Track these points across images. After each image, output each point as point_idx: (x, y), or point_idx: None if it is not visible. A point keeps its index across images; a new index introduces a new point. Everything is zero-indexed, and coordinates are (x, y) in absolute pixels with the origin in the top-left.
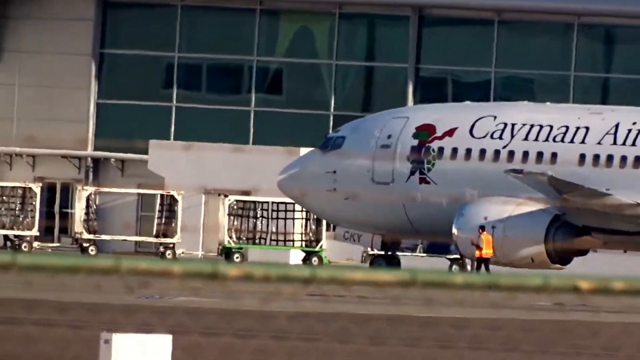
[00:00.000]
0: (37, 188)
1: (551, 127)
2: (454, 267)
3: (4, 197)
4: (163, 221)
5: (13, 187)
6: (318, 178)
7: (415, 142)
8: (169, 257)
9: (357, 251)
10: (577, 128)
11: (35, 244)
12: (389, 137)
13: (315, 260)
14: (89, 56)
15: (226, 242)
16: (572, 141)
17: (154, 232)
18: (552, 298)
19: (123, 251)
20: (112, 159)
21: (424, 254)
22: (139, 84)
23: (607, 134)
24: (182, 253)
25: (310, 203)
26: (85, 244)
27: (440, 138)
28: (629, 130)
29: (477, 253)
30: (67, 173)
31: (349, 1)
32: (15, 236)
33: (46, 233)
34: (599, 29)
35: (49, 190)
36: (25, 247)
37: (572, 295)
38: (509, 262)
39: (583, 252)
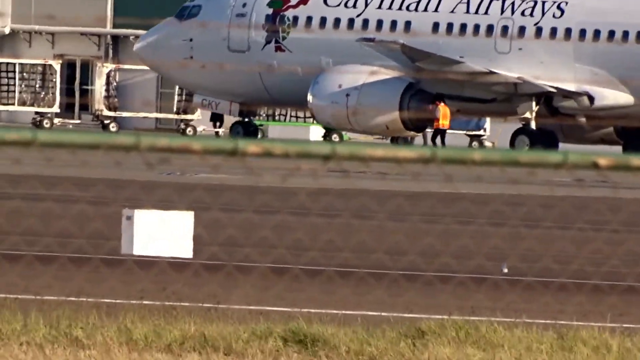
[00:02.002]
0: (57, 65)
1: None
2: (474, 143)
3: (24, 75)
4: (184, 98)
5: (33, 65)
6: (175, 47)
7: (270, 11)
8: (190, 134)
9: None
10: None
11: (56, 121)
12: (244, 5)
13: (335, 136)
14: None
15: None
16: (425, 10)
17: (174, 109)
18: (571, 174)
19: (143, 128)
20: (132, 36)
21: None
22: None
23: (460, 2)
24: (203, 130)
25: (168, 71)
26: (106, 121)
27: (295, 7)
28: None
29: (434, 124)
30: (86, 50)
31: None
32: (36, 113)
33: (67, 110)
34: None
35: (68, 67)
36: (46, 123)
37: (592, 171)
38: (364, 130)
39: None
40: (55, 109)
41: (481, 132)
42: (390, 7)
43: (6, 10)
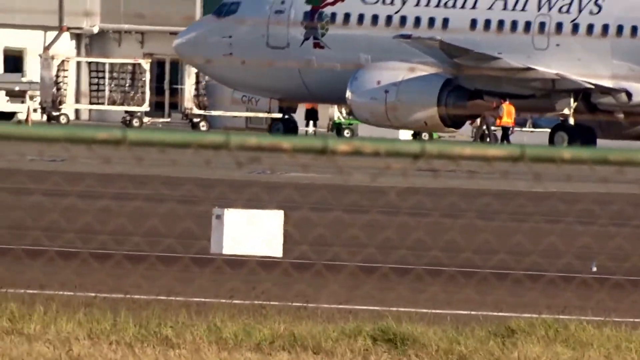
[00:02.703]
0: (146, 64)
1: None
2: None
3: (114, 74)
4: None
5: (123, 64)
6: (214, 44)
7: (308, 8)
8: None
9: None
10: None
11: (146, 120)
12: (283, 2)
13: (425, 135)
14: None
15: (336, 118)
16: (463, 7)
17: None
18: None
19: (233, 127)
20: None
21: (533, 129)
22: None
23: None
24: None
25: (208, 68)
26: (195, 120)
27: (333, 4)
28: None
29: (497, 122)
30: None
31: None
32: (126, 112)
33: (156, 109)
34: None
35: (158, 66)
36: (135, 122)
37: None
38: (403, 125)
39: (475, 116)
40: (145, 107)
41: None
42: (428, 4)
43: (95, 9)
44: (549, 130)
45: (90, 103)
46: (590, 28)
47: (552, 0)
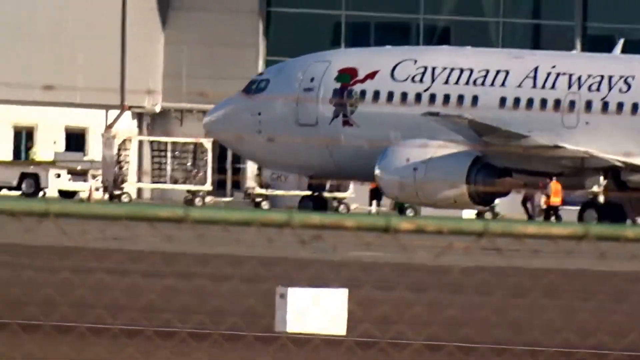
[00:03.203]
0: (208, 143)
1: (472, 70)
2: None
3: (176, 153)
4: None
5: (185, 143)
6: (244, 121)
7: (338, 85)
8: (343, 211)
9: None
10: (498, 71)
11: (208, 199)
12: (312, 80)
13: (488, 214)
14: (256, 14)
15: None
16: (492, 84)
17: (327, 187)
18: None
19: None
20: None
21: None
22: (307, 42)
23: (526, 77)
24: (356, 208)
25: (237, 145)
26: (257, 199)
27: (362, 81)
28: (548, 74)
29: (545, 200)
30: None
31: None
32: (188, 191)
33: (218, 188)
34: None
35: (220, 145)
36: (198, 201)
37: None
38: (432, 203)
39: (504, 194)
40: (207, 187)
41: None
42: (457, 82)
43: (157, 88)
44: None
45: (152, 182)
46: (619, 106)
47: (582, 78)
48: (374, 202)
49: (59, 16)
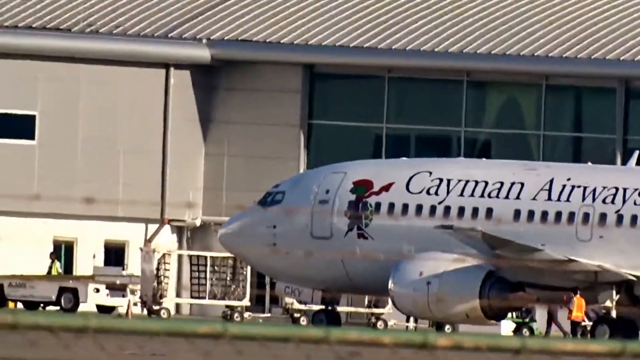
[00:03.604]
0: None
1: (486, 182)
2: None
3: (215, 267)
4: None
5: (224, 258)
6: (258, 233)
7: (353, 197)
8: (380, 327)
9: None
10: (512, 184)
11: (246, 315)
12: (327, 192)
13: (525, 331)
14: (297, 127)
15: None
16: (507, 197)
17: (365, 303)
18: None
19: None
20: None
21: None
22: (348, 155)
23: (541, 189)
24: (394, 324)
25: (252, 258)
26: (296, 315)
27: (377, 193)
28: (563, 186)
29: (568, 315)
30: None
31: (556, 73)
32: (227, 306)
33: (257, 303)
34: None
35: None
36: (236, 317)
37: None
38: (444, 318)
39: (518, 308)
40: (246, 302)
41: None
42: (472, 194)
43: (198, 201)
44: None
45: (191, 297)
46: (634, 219)
47: (596, 190)
48: (411, 318)
49: (100, 130)
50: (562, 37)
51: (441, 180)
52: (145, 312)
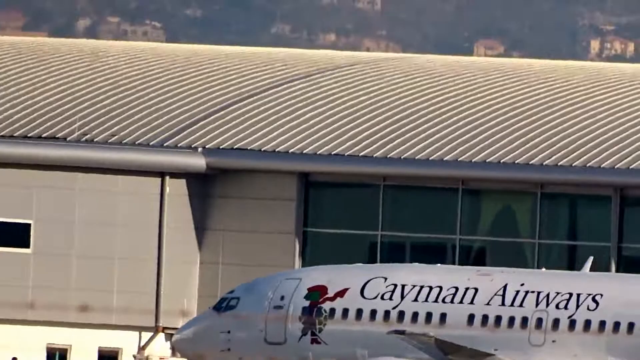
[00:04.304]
0: None
1: (441, 288)
2: None
3: None
4: None
5: None
6: (213, 338)
7: (307, 303)
8: None
9: None
10: (467, 289)
11: None
12: (282, 298)
13: None
14: (292, 234)
15: None
16: (461, 302)
17: None
18: None
19: None
20: None
21: None
22: (343, 262)
23: (495, 295)
24: None
25: None
26: None
27: (332, 299)
28: (517, 292)
29: None
30: None
31: (551, 181)
32: None
33: None
34: None
35: None
36: None
37: None
38: None
39: None
40: None
41: None
42: (426, 300)
43: (192, 308)
44: None
45: None
46: (587, 324)
47: (550, 295)
48: None
49: (95, 237)
50: (556, 145)
51: (396, 285)
52: None
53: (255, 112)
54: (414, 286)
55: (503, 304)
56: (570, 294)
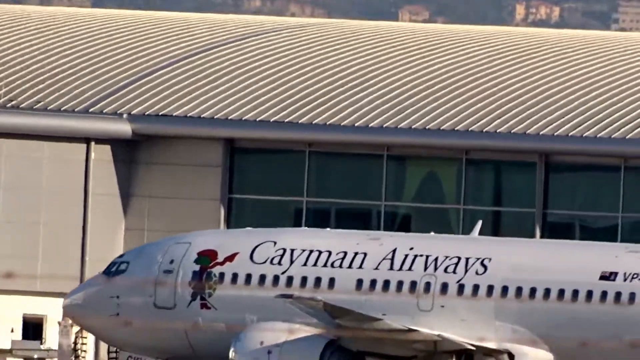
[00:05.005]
0: None
1: (330, 252)
2: None
3: None
4: None
5: None
6: (102, 303)
7: (197, 268)
8: None
9: None
10: (356, 253)
11: None
12: (171, 262)
13: None
14: (217, 201)
15: None
16: (350, 266)
17: None
18: None
19: None
20: None
21: None
22: (268, 227)
23: (384, 259)
24: None
25: (95, 328)
26: None
27: (222, 264)
28: (406, 256)
29: None
30: None
31: (476, 147)
32: None
33: None
34: None
35: None
36: None
37: None
38: None
39: None
40: None
41: None
42: (315, 264)
43: None
44: None
45: None
46: (475, 289)
47: (439, 260)
48: None
49: (20, 204)
50: (482, 111)
51: (285, 250)
52: None
53: (180, 78)
54: (303, 250)
55: (392, 268)
56: (459, 258)
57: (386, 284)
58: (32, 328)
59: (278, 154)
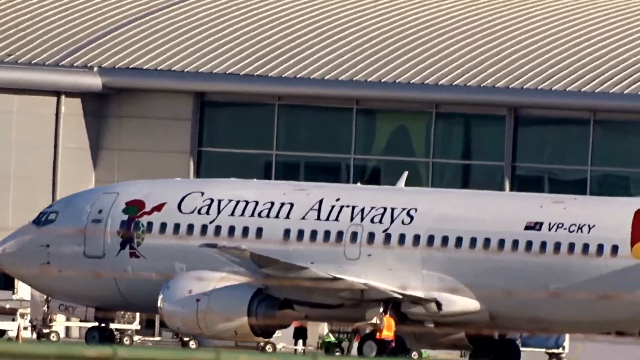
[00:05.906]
0: None
1: (257, 203)
2: None
3: None
4: None
5: None
6: (32, 252)
7: (125, 217)
8: (269, 350)
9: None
10: (282, 204)
11: (136, 338)
12: (100, 212)
13: (414, 354)
14: (187, 154)
15: (326, 336)
16: (277, 216)
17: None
18: None
19: (222, 345)
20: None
21: (524, 348)
22: None
23: (311, 209)
24: (283, 347)
25: (27, 277)
26: (185, 338)
27: (150, 213)
28: (332, 206)
29: (377, 335)
30: None
31: (445, 101)
32: (117, 330)
33: (147, 326)
34: None
35: None
36: (126, 340)
37: None
38: (213, 335)
39: (285, 325)
40: (136, 325)
41: (560, 350)
42: (242, 214)
43: None
44: (541, 350)
45: (81, 320)
46: (402, 238)
47: (365, 210)
48: (300, 342)
49: None
50: (451, 65)
51: (212, 200)
52: (35, 335)
53: (151, 31)
54: (231, 201)
55: (319, 218)
56: (385, 209)
57: (313, 234)
58: (4, 278)
59: (248, 107)
